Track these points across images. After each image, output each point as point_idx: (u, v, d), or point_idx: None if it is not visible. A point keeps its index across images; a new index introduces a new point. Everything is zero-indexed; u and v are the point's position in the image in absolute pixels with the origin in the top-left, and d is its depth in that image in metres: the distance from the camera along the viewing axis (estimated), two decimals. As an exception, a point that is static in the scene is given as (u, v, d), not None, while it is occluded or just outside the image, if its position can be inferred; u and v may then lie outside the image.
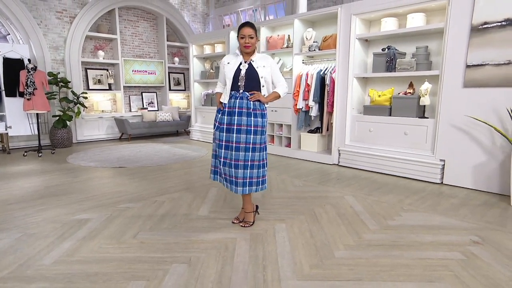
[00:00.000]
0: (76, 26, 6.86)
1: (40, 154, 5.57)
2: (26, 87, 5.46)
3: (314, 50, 5.11)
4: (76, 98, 6.54)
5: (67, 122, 6.48)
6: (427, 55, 4.16)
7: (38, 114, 5.81)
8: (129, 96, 8.07)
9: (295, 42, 5.28)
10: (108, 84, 7.60)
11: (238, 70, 2.57)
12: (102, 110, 7.59)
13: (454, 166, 3.81)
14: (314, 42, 5.16)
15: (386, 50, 4.33)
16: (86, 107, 7.00)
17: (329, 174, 4.38)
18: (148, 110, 8.09)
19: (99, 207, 3.09)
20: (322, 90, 5.03)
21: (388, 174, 4.34)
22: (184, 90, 8.98)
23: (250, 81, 2.55)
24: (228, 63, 2.62)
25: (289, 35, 5.50)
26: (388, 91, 4.48)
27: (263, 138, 2.62)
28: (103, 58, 7.47)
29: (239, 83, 2.56)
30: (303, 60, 5.41)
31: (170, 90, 8.65)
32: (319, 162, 5.09)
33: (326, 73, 5.00)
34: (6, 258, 2.15)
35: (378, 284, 1.86)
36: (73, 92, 6.54)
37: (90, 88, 7.34)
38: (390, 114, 4.40)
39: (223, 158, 2.59)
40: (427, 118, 4.10)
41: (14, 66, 5.76)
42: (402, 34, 4.36)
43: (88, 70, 7.35)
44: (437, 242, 2.38)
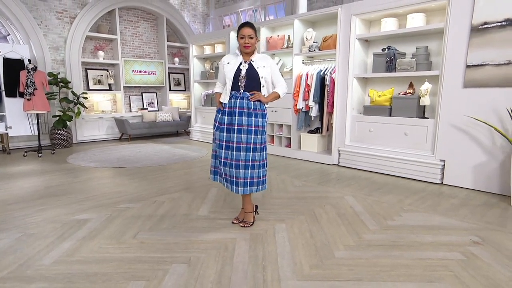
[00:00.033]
0: (76, 26, 6.86)
1: (40, 155, 5.57)
2: (26, 88, 5.46)
3: (314, 51, 5.10)
4: (76, 98, 6.54)
5: (67, 122, 6.48)
6: (427, 55, 4.16)
7: (38, 115, 5.81)
8: (129, 96, 8.07)
9: (295, 43, 5.28)
10: (108, 84, 7.60)
11: (238, 70, 2.56)
12: (102, 111, 7.60)
13: (454, 166, 3.81)
14: (314, 42, 5.16)
15: (386, 50, 4.33)
16: (86, 108, 7.00)
17: (329, 175, 4.38)
18: (148, 111, 8.09)
19: (99, 207, 3.09)
20: (322, 90, 5.03)
21: (388, 174, 4.34)
22: (184, 90, 8.98)
23: (250, 81, 2.55)
24: (228, 63, 2.62)
25: (289, 36, 5.50)
26: (388, 91, 4.48)
27: (263, 138, 2.62)
28: (103, 59, 7.48)
29: (240, 83, 2.56)
30: (303, 60, 5.41)
31: (170, 90, 8.65)
32: (319, 162, 5.09)
33: (326, 73, 4.99)
34: (6, 258, 2.15)
35: (378, 284, 1.86)
36: (73, 92, 6.54)
37: (90, 88, 7.34)
38: (390, 114, 4.40)
39: (224, 159, 2.59)
40: (427, 118, 4.10)
41: (14, 66, 5.77)
42: (402, 34, 4.36)
43: (88, 71, 7.35)
44: (437, 242, 2.38)
